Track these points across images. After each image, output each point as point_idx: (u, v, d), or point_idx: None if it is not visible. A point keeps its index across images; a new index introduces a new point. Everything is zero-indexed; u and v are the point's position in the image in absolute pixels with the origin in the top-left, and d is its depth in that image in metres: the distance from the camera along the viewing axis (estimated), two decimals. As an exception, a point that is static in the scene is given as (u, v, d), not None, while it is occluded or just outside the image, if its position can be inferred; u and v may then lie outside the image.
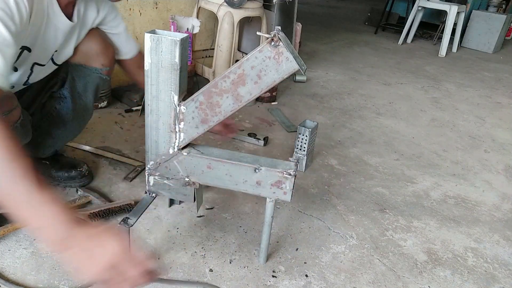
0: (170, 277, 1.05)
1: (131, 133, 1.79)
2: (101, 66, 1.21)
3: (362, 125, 2.20)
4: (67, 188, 1.35)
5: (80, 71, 1.21)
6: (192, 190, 1.06)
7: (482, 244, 1.35)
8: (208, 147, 1.04)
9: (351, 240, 1.29)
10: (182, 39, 0.87)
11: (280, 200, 1.02)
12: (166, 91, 0.93)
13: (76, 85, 1.23)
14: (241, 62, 0.87)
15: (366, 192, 1.56)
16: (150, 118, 0.98)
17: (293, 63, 0.83)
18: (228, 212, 1.34)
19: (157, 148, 1.02)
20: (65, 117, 1.26)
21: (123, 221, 0.99)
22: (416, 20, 4.56)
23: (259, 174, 0.99)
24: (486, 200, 1.62)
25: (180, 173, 1.04)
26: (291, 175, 0.97)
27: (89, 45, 1.18)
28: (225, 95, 0.91)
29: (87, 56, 1.19)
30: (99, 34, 1.19)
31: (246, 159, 1.01)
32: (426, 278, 1.17)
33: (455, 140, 2.16)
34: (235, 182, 1.02)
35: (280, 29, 0.83)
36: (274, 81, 0.87)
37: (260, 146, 1.83)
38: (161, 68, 0.90)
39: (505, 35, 4.94)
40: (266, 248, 1.12)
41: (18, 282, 0.99)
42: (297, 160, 1.02)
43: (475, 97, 2.95)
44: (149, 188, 1.10)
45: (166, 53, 0.88)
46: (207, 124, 0.96)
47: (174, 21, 2.20)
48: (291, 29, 2.72)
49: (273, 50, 0.83)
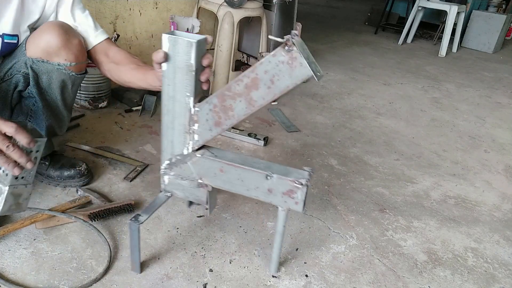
0: None
1: (131, 133, 1.79)
2: (64, 61, 1.12)
3: (362, 125, 2.20)
4: (67, 188, 1.35)
5: (42, 66, 1.13)
6: (205, 192, 1.06)
7: (482, 244, 1.35)
8: (222, 150, 1.04)
9: (351, 240, 1.29)
10: (199, 41, 0.87)
11: (292, 210, 1.00)
12: (182, 92, 0.93)
13: (39, 81, 1.16)
14: (255, 66, 0.86)
15: (366, 192, 1.56)
16: (166, 118, 0.99)
17: (307, 69, 0.81)
18: (228, 212, 1.34)
19: (173, 148, 1.03)
20: (41, 117, 1.21)
21: (134, 218, 1.00)
22: (416, 20, 4.56)
23: (271, 181, 0.97)
24: (486, 200, 1.62)
25: (194, 174, 1.04)
26: (303, 184, 0.94)
27: (47, 38, 1.09)
28: (238, 98, 0.90)
29: (47, 51, 1.10)
30: (61, 26, 1.10)
31: (259, 165, 0.99)
32: (426, 278, 1.17)
33: (455, 140, 2.16)
34: (246, 188, 1.01)
35: (296, 33, 0.81)
36: (287, 87, 0.85)
37: (260, 146, 1.83)
38: (178, 69, 0.90)
39: (505, 35, 4.95)
40: (278, 258, 1.10)
41: (18, 282, 0.99)
42: (311, 170, 0.98)
43: (475, 97, 2.95)
44: (164, 187, 1.10)
45: (183, 54, 0.88)
46: (220, 127, 0.95)
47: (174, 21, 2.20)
48: (291, 29, 2.72)
49: (286, 55, 0.81)
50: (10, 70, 1.15)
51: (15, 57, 1.15)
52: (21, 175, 0.87)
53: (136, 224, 0.98)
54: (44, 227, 1.15)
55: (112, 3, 2.07)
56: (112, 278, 1.03)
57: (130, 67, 1.13)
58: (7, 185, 0.86)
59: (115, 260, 1.09)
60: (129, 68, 1.13)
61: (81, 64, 1.18)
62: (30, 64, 1.13)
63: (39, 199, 1.28)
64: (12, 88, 1.18)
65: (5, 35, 1.11)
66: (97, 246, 1.12)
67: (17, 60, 1.14)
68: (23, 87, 1.17)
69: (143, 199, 1.35)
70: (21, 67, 1.14)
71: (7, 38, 1.12)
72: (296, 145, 1.88)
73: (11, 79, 1.17)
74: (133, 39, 2.23)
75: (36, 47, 1.11)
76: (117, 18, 2.11)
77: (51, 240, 1.13)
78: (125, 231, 1.19)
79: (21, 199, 0.90)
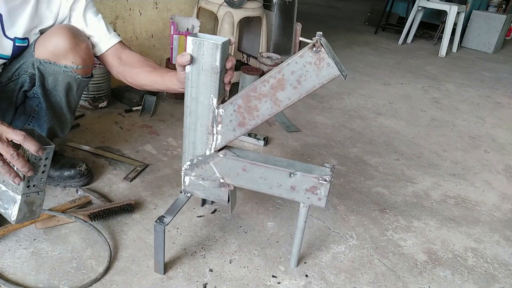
0: None
1: (131, 133, 1.79)
2: (71, 63, 1.13)
3: (362, 125, 2.20)
4: (67, 188, 1.35)
5: (49, 67, 1.14)
6: (226, 192, 1.07)
7: (482, 244, 1.35)
8: (243, 150, 1.05)
9: (351, 240, 1.29)
10: (223, 43, 0.88)
11: (314, 206, 1.01)
12: (206, 93, 0.94)
13: (45, 82, 1.17)
14: (281, 67, 0.87)
15: (366, 192, 1.56)
16: (188, 119, 0.99)
17: (334, 69, 0.83)
18: (228, 212, 1.34)
19: (194, 149, 1.03)
20: (44, 118, 1.21)
21: (159, 220, 1.00)
22: (416, 20, 4.57)
23: (294, 179, 0.99)
24: (486, 200, 1.62)
25: (216, 174, 1.05)
26: (327, 181, 0.96)
27: (55, 40, 1.10)
28: (263, 99, 0.91)
29: (55, 53, 1.12)
30: (69, 30, 1.12)
31: (281, 163, 1.01)
32: (426, 278, 1.17)
33: (455, 140, 2.16)
34: (269, 186, 1.02)
35: (322, 35, 0.83)
36: (314, 87, 0.86)
37: (260, 146, 1.83)
38: (202, 71, 0.91)
39: (505, 35, 4.95)
40: (298, 253, 1.12)
41: (18, 282, 0.99)
42: (333, 166, 1.01)
43: (475, 97, 2.95)
44: (184, 188, 1.10)
45: (207, 56, 0.89)
46: (244, 128, 0.96)
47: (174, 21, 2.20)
48: (291, 29, 2.72)
49: (314, 56, 0.83)
50: (17, 70, 1.16)
51: (23, 57, 1.16)
52: (33, 183, 0.87)
53: (161, 226, 0.99)
54: (44, 227, 1.15)
55: (112, 3, 2.07)
56: (112, 278, 1.03)
57: (145, 70, 1.14)
58: (20, 194, 0.86)
59: (115, 260, 1.09)
60: (144, 71, 1.14)
61: (88, 67, 1.19)
62: (37, 65, 1.14)
63: (39, 199, 1.28)
64: (18, 88, 1.19)
65: (16, 39, 1.12)
66: (97, 246, 1.12)
67: (25, 61, 1.15)
68: (29, 87, 1.18)
69: (143, 199, 1.35)
70: (28, 68, 1.15)
71: (18, 41, 1.13)
72: (296, 145, 1.88)
73: (18, 79, 1.17)
74: (133, 39, 2.23)
75: (44, 49, 1.12)
76: (117, 18, 2.11)
77: (51, 240, 1.13)
78: (125, 231, 1.20)
79: (35, 206, 0.90)
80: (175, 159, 1.62)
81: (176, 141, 1.76)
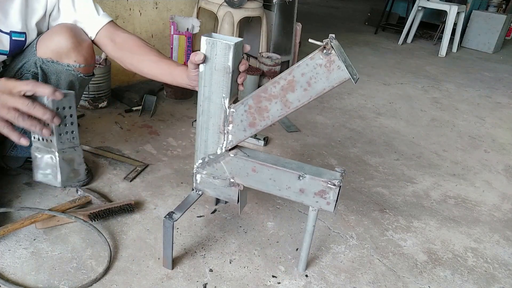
0: None
1: (131, 133, 1.79)
2: (73, 62, 1.14)
3: (362, 125, 2.20)
4: (67, 188, 1.35)
5: (51, 66, 1.15)
6: (236, 191, 1.07)
7: (482, 244, 1.35)
8: (254, 151, 1.06)
9: (351, 240, 1.29)
10: (236, 44, 0.88)
11: (323, 210, 1.01)
12: (218, 93, 0.95)
13: (48, 81, 1.17)
14: (292, 68, 0.87)
15: (366, 192, 1.56)
16: (201, 118, 1.00)
17: (344, 72, 0.82)
18: (228, 212, 1.34)
19: (206, 148, 1.04)
20: None
21: (168, 215, 1.01)
22: (416, 20, 4.57)
23: (303, 181, 0.99)
24: (486, 200, 1.62)
25: (226, 173, 1.05)
26: (336, 185, 0.96)
27: (58, 39, 1.11)
28: (274, 100, 0.92)
29: (57, 52, 1.12)
30: (71, 29, 1.13)
31: (291, 165, 1.01)
32: (426, 278, 1.17)
33: (455, 140, 2.16)
34: (278, 188, 1.02)
35: (334, 37, 0.83)
36: (324, 89, 0.86)
37: (260, 146, 1.83)
38: (215, 71, 0.92)
39: (505, 35, 4.95)
40: (306, 257, 1.11)
41: (18, 282, 0.99)
42: (343, 171, 1.00)
43: (475, 97, 2.95)
44: (196, 185, 1.11)
45: (220, 56, 0.89)
46: (254, 128, 0.97)
47: (174, 21, 2.20)
48: (291, 29, 2.72)
49: (324, 58, 0.83)
50: (20, 70, 1.17)
51: (25, 56, 1.16)
52: (65, 137, 0.83)
53: (170, 222, 1.00)
54: (44, 227, 1.15)
55: (112, 3, 2.07)
56: (112, 278, 1.03)
57: (150, 59, 1.13)
58: (55, 151, 0.82)
59: (115, 260, 1.09)
60: (150, 60, 1.13)
61: (90, 66, 1.20)
62: (40, 64, 1.14)
63: (39, 199, 1.28)
64: None
65: (13, 33, 1.12)
66: (97, 246, 1.13)
67: (27, 60, 1.15)
68: None
69: (143, 199, 1.35)
70: (31, 67, 1.15)
71: (15, 35, 1.13)
72: (296, 145, 1.88)
73: (21, 78, 1.17)
74: (133, 39, 2.23)
75: (46, 48, 1.13)
76: (117, 18, 2.11)
77: (51, 240, 1.13)
78: (125, 231, 1.20)
79: (76, 165, 0.86)
80: (175, 159, 1.62)
81: (176, 141, 1.76)
